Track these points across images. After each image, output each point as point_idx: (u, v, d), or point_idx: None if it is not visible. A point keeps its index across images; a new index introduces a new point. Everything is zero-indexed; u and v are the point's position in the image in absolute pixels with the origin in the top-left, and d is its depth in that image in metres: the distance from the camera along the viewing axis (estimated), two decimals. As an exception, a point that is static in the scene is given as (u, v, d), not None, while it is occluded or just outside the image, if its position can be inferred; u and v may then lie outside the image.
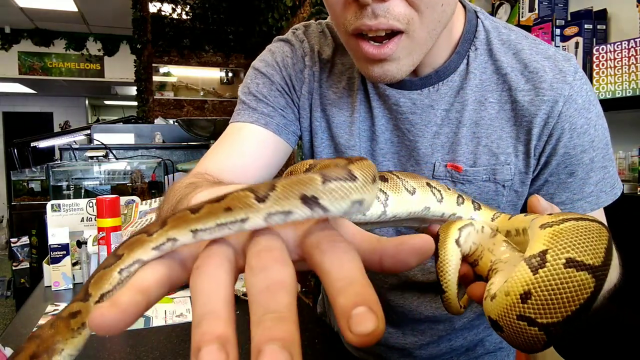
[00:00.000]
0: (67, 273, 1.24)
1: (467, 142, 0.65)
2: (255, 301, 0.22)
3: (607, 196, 0.66)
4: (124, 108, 9.32)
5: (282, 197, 0.24)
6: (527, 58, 0.63)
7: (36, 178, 3.52)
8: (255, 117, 0.70)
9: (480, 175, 0.65)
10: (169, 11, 4.84)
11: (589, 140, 0.63)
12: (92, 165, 2.24)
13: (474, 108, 0.64)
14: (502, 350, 0.85)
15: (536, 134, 0.62)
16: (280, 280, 0.23)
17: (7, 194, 7.08)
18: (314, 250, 0.25)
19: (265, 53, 0.75)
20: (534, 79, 0.62)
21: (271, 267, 0.23)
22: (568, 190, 0.65)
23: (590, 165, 0.64)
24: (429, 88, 0.65)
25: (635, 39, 1.42)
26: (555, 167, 0.64)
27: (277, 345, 0.20)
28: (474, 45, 0.64)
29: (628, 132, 1.60)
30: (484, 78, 0.64)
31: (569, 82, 0.61)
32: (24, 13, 5.76)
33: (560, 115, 0.61)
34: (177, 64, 5.07)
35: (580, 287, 0.32)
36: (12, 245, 3.05)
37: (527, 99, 0.62)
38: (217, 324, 0.22)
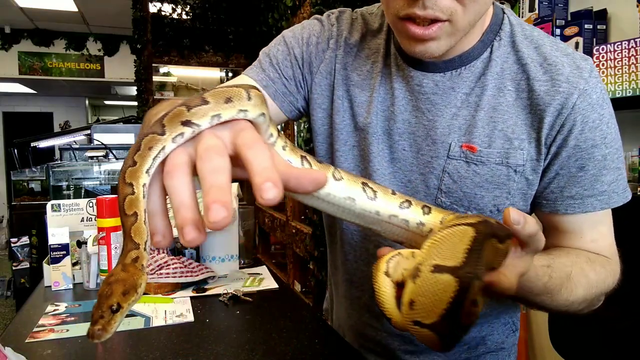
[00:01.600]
0: (67, 273, 1.24)
1: (484, 125, 0.68)
2: (205, 179, 0.36)
3: (619, 197, 0.69)
4: (124, 108, 9.32)
5: (213, 105, 0.39)
6: (547, 52, 0.67)
7: (36, 178, 3.52)
8: (260, 77, 0.78)
9: (494, 158, 0.67)
10: (169, 11, 4.84)
11: (601, 136, 0.65)
12: (92, 165, 2.24)
13: (493, 94, 0.68)
14: (504, 351, 0.85)
15: (548, 123, 0.65)
16: (220, 166, 0.36)
17: (7, 194, 7.08)
18: (241, 148, 0.38)
19: (297, 25, 0.82)
20: (552, 70, 0.66)
21: (214, 158, 0.37)
22: (578, 184, 0.67)
23: (602, 162, 0.66)
24: (452, 71, 0.69)
25: (635, 39, 1.42)
26: (565, 159, 0.66)
27: (218, 204, 0.34)
28: (499, 36, 0.69)
29: (628, 132, 1.60)
30: (505, 67, 0.68)
31: (584, 77, 0.65)
32: (24, 13, 5.76)
33: (574, 107, 0.64)
34: (177, 64, 5.07)
35: (445, 288, 0.36)
36: (12, 245, 3.05)
37: (544, 88, 0.65)
38: (188, 211, 0.37)
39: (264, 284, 1.27)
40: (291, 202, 3.73)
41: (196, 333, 0.95)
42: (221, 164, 0.36)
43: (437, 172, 0.70)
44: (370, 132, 0.74)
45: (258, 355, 0.85)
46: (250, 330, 0.98)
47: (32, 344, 0.90)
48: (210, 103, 0.39)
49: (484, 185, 0.68)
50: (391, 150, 0.74)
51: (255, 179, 0.35)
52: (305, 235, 3.22)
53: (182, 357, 0.85)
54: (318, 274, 2.82)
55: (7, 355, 0.72)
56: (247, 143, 0.38)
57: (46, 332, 0.95)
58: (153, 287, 1.18)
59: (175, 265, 1.22)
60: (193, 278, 1.23)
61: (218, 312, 1.07)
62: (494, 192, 0.68)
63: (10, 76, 6.68)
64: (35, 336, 0.93)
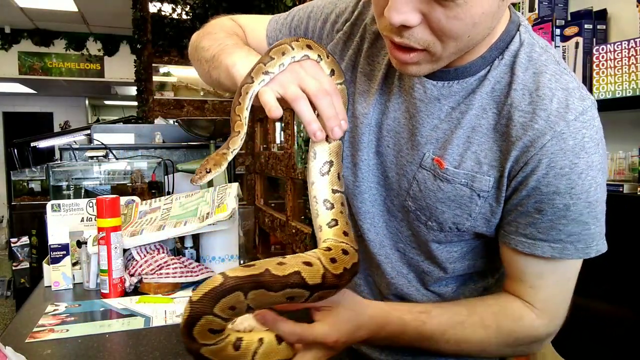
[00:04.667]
0: (67, 273, 1.24)
1: (459, 143, 0.66)
2: (323, 107, 0.64)
3: (576, 252, 0.63)
4: (124, 108, 9.31)
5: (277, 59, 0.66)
6: (543, 82, 0.62)
7: (36, 178, 3.52)
8: (272, 35, 0.87)
9: (459, 179, 0.65)
10: (169, 11, 4.84)
11: (567, 185, 0.60)
12: (92, 165, 2.24)
13: (476, 113, 0.65)
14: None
15: (514, 157, 0.62)
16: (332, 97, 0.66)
17: (7, 194, 7.07)
18: (312, 98, 0.65)
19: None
20: (537, 102, 0.61)
21: (331, 94, 0.66)
22: (534, 225, 0.63)
23: (564, 212, 0.61)
24: (444, 82, 0.66)
25: (635, 39, 1.42)
26: (524, 197, 0.62)
27: (337, 127, 0.65)
28: (502, 55, 0.64)
29: (628, 132, 1.60)
30: (495, 87, 0.65)
31: (567, 119, 0.59)
32: (24, 13, 5.76)
33: (542, 147, 0.60)
34: (177, 64, 5.07)
35: (184, 311, 0.55)
36: (12, 245, 3.05)
37: (522, 120, 0.61)
38: (316, 123, 0.65)
39: (264, 284, 1.27)
40: (291, 202, 3.73)
41: (196, 333, 0.95)
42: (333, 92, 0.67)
43: (409, 177, 0.71)
44: (365, 123, 0.75)
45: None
46: (250, 330, 0.98)
47: (32, 344, 0.90)
48: (275, 58, 0.66)
49: (446, 202, 0.67)
50: (378, 144, 0.75)
51: (328, 123, 0.64)
52: (305, 235, 3.21)
53: (182, 357, 0.85)
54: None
55: (7, 355, 0.72)
56: (315, 93, 0.64)
57: (46, 332, 0.95)
58: (153, 287, 1.18)
59: (175, 266, 1.22)
60: (193, 278, 1.23)
61: (218, 312, 1.07)
62: (455, 210, 0.67)
63: (10, 76, 6.68)
64: (35, 336, 0.93)
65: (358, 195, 0.77)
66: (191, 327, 0.54)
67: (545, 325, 0.68)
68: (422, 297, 0.78)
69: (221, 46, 0.77)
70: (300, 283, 0.55)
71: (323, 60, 0.71)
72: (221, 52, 0.76)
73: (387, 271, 0.78)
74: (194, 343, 0.56)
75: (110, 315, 1.06)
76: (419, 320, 0.64)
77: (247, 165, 5.18)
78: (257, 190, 5.11)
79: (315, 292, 0.57)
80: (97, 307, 1.10)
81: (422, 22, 0.55)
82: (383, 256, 0.78)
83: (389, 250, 0.78)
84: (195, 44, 0.86)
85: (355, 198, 0.78)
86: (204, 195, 1.36)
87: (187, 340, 0.55)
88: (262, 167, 4.67)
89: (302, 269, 0.55)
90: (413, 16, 0.54)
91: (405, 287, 0.78)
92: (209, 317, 0.53)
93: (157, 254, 1.24)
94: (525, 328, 0.67)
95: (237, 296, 0.53)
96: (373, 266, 0.81)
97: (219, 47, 0.78)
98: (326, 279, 0.57)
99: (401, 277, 0.78)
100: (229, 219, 1.23)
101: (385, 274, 0.78)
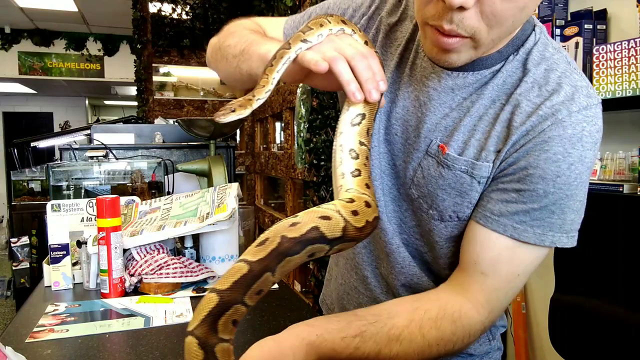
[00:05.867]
0: (67, 273, 1.24)
1: (465, 131, 0.68)
2: (360, 69, 0.62)
3: (533, 236, 0.64)
4: (124, 108, 9.32)
5: (315, 29, 0.66)
6: (553, 78, 0.65)
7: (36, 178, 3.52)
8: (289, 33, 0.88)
9: (459, 165, 0.68)
10: (169, 11, 4.84)
11: (554, 173, 0.61)
12: (92, 165, 2.24)
13: (485, 104, 0.68)
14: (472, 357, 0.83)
15: (512, 140, 0.64)
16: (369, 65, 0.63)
17: (7, 194, 7.07)
18: (350, 61, 0.63)
19: None
20: (544, 95, 0.64)
21: (367, 57, 0.64)
22: (505, 203, 0.65)
23: (541, 198, 0.62)
24: (459, 73, 0.69)
25: (635, 39, 1.42)
26: (509, 176, 0.64)
27: (374, 89, 0.62)
28: (517, 52, 0.68)
29: (628, 132, 1.60)
30: (507, 81, 0.67)
31: (571, 110, 0.62)
32: (24, 13, 5.76)
33: (541, 132, 0.62)
34: (177, 64, 5.07)
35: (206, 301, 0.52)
36: (12, 245, 3.05)
37: (527, 109, 0.64)
38: (354, 83, 0.62)
39: (264, 284, 1.27)
40: (291, 202, 3.73)
41: (196, 333, 0.95)
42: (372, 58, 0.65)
43: (414, 165, 0.73)
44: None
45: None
46: (250, 330, 0.98)
47: (32, 344, 0.90)
48: (313, 28, 0.66)
49: (447, 190, 0.69)
50: (386, 132, 0.77)
51: (365, 85, 0.62)
52: (305, 235, 3.21)
53: (182, 357, 0.85)
54: (318, 274, 2.82)
55: (7, 355, 0.72)
56: (353, 56, 0.62)
57: (46, 332, 0.95)
58: (153, 287, 1.18)
59: (175, 265, 1.22)
60: (193, 278, 1.23)
61: (218, 312, 1.07)
62: (455, 198, 0.69)
63: (10, 76, 6.68)
64: (35, 336, 0.93)
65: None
66: (218, 317, 0.51)
67: (482, 321, 0.68)
68: (431, 286, 0.78)
69: (250, 40, 0.79)
70: (319, 238, 0.53)
71: (357, 34, 0.71)
72: (251, 44, 0.78)
73: (397, 260, 0.79)
74: (214, 337, 0.52)
75: (110, 315, 1.06)
76: (351, 347, 0.63)
77: (247, 165, 5.18)
78: (257, 190, 5.11)
79: (335, 245, 0.56)
80: (97, 307, 1.11)
81: (475, 5, 0.57)
82: (394, 245, 0.78)
83: (398, 239, 0.78)
84: (217, 45, 0.89)
85: None
86: (204, 195, 1.36)
87: (208, 333, 0.52)
88: (262, 167, 4.67)
89: (320, 223, 0.54)
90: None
91: (416, 278, 0.79)
92: (238, 305, 0.52)
93: (157, 254, 1.24)
94: (464, 327, 0.67)
95: (266, 278, 0.52)
96: (382, 256, 0.81)
97: (247, 41, 0.79)
98: (347, 231, 0.55)
99: (411, 266, 0.79)
100: (229, 219, 1.23)
101: (396, 263, 0.79)
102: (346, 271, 0.91)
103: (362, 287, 0.87)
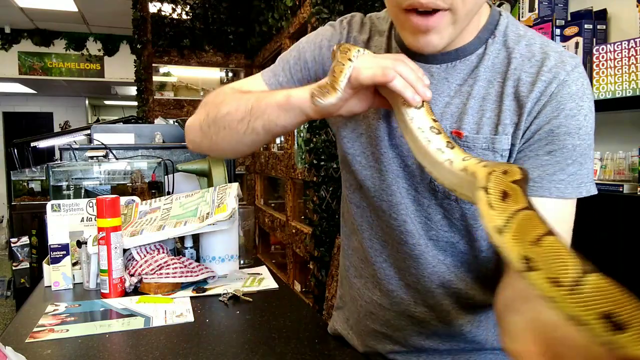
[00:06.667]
0: (67, 273, 1.24)
1: (474, 113, 0.72)
2: (406, 74, 0.64)
3: (573, 191, 0.69)
4: (124, 108, 9.31)
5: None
6: (535, 49, 0.71)
7: (36, 178, 3.52)
8: (272, 82, 0.86)
9: (480, 143, 0.71)
10: (169, 11, 4.84)
11: (577, 126, 0.68)
12: (92, 165, 2.24)
13: (484, 85, 0.72)
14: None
15: (527, 109, 0.69)
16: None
17: (7, 194, 7.07)
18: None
19: (312, 33, 0.89)
20: (538, 64, 0.70)
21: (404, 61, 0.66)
22: (542, 168, 0.69)
23: (571, 152, 0.68)
24: (448, 64, 0.74)
25: (635, 39, 1.42)
26: (536, 141, 0.69)
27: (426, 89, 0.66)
28: (494, 35, 0.74)
29: (628, 132, 1.60)
30: (495, 61, 0.73)
31: (567, 70, 0.69)
32: (24, 13, 5.76)
33: (552, 95, 0.68)
34: (177, 64, 5.07)
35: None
36: (12, 245, 3.05)
37: (529, 79, 0.70)
38: (410, 89, 0.65)
39: (264, 284, 1.27)
40: (291, 202, 3.73)
41: (196, 333, 0.95)
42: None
43: None
44: (375, 118, 0.79)
45: (258, 355, 0.85)
46: (250, 330, 0.98)
47: (32, 344, 0.90)
48: (347, 52, 0.68)
49: None
50: (390, 137, 0.78)
51: (418, 88, 0.65)
52: (305, 235, 3.22)
53: (182, 357, 0.85)
54: (318, 274, 2.82)
55: (7, 355, 0.72)
56: (394, 64, 0.64)
57: (46, 332, 0.95)
58: (153, 287, 1.18)
59: (175, 265, 1.22)
60: (193, 278, 1.23)
61: (218, 312, 1.07)
62: None
63: (10, 76, 6.68)
64: (35, 336, 0.93)
65: (386, 188, 0.79)
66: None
67: None
68: (461, 283, 0.80)
69: (252, 98, 0.77)
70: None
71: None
72: (258, 100, 0.76)
73: (427, 260, 0.79)
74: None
75: (110, 315, 1.06)
76: None
77: (247, 165, 5.18)
78: (257, 190, 5.11)
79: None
80: (97, 307, 1.11)
81: None
82: (422, 245, 0.79)
83: (425, 238, 0.79)
84: (207, 121, 0.82)
85: (385, 192, 0.79)
86: (204, 195, 1.36)
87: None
88: (262, 167, 4.67)
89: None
90: None
91: (447, 275, 0.80)
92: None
93: (157, 254, 1.24)
94: None
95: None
96: (408, 263, 0.81)
97: (250, 100, 0.77)
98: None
99: (443, 264, 0.80)
100: (229, 219, 1.23)
101: (427, 264, 0.80)
102: (367, 290, 0.90)
103: (387, 302, 0.86)
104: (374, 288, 0.88)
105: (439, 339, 0.85)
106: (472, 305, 0.82)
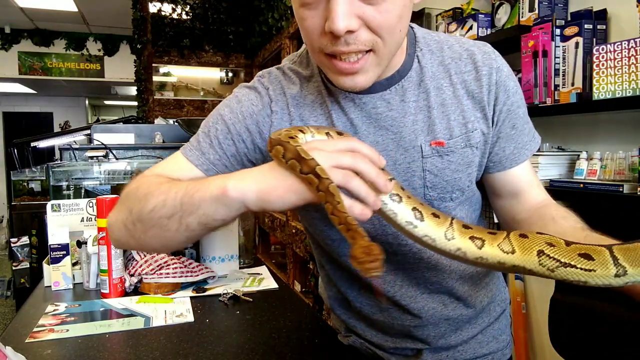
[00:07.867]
0: (67, 273, 1.24)
1: (441, 120, 0.76)
2: (365, 172, 0.59)
3: (534, 144, 0.82)
4: (124, 108, 9.31)
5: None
6: (457, 49, 0.78)
7: (36, 178, 3.51)
8: (201, 162, 0.77)
9: (460, 144, 0.76)
10: (169, 11, 4.84)
11: (520, 97, 0.79)
12: (92, 165, 2.24)
13: (435, 94, 0.77)
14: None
15: (487, 102, 0.76)
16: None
17: (7, 194, 7.08)
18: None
19: (232, 99, 0.81)
20: (469, 61, 0.77)
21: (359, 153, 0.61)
22: (513, 141, 0.79)
23: (524, 118, 0.81)
24: (395, 86, 0.76)
25: (635, 39, 1.42)
26: (502, 122, 0.78)
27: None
28: (419, 47, 0.78)
29: (628, 132, 1.60)
30: (433, 70, 0.77)
31: (493, 57, 0.78)
32: (24, 13, 5.76)
33: (497, 83, 0.76)
34: (177, 64, 5.07)
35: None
36: (12, 245, 3.05)
37: (472, 77, 0.77)
38: (373, 193, 0.59)
39: (264, 284, 1.27)
40: (291, 202, 3.73)
41: (196, 333, 0.95)
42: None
43: (419, 173, 0.76)
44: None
45: (258, 356, 0.85)
46: (250, 330, 0.98)
47: (32, 344, 0.90)
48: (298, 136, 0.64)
49: (459, 169, 0.77)
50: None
51: (378, 183, 0.59)
52: (305, 235, 3.21)
53: (182, 357, 0.85)
54: (318, 274, 2.82)
55: (7, 355, 0.72)
56: (352, 164, 0.59)
57: (46, 332, 0.95)
58: (153, 287, 1.18)
59: (175, 265, 1.22)
60: (193, 278, 1.23)
61: (218, 312, 1.07)
62: (466, 170, 0.78)
63: (10, 76, 6.68)
64: (35, 336, 0.93)
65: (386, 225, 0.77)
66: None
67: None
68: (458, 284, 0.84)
69: (180, 192, 0.66)
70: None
71: (315, 134, 0.68)
72: (189, 194, 0.65)
73: (444, 263, 0.81)
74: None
75: (110, 315, 1.06)
76: None
77: (247, 165, 5.17)
78: (257, 190, 5.10)
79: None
80: (97, 307, 1.11)
81: (361, 26, 0.63)
82: (435, 255, 0.80)
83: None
84: (130, 218, 0.70)
85: (387, 226, 0.77)
86: (204, 195, 1.36)
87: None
88: (262, 167, 4.65)
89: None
90: (354, 20, 0.61)
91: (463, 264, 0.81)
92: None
93: (157, 254, 1.24)
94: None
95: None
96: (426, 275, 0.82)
97: (178, 194, 0.66)
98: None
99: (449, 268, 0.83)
100: (229, 219, 1.23)
101: (444, 266, 0.82)
102: (395, 320, 0.87)
103: (422, 320, 0.85)
104: (402, 315, 0.86)
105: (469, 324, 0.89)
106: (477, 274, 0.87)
